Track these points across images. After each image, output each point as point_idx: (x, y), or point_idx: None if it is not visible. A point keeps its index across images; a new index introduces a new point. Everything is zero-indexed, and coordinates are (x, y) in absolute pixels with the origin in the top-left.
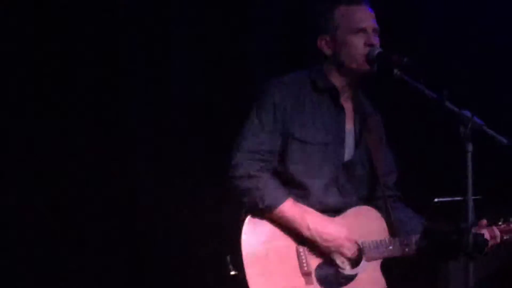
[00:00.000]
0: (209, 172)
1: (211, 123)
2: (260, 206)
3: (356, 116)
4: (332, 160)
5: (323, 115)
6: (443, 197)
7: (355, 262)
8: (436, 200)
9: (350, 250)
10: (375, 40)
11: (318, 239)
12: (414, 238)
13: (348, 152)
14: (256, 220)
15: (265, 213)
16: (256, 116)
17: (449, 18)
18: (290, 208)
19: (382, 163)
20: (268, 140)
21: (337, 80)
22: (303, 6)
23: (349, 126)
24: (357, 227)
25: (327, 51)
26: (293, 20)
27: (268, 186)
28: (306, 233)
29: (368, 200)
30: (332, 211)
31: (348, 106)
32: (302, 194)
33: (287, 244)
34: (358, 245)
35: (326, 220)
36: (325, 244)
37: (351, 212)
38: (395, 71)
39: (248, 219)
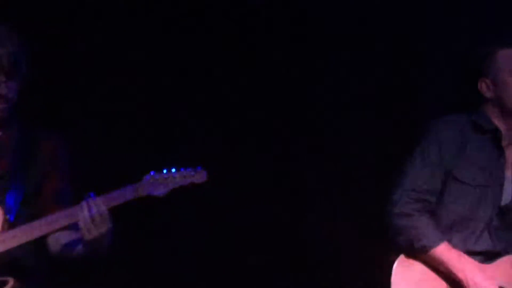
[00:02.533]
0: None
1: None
2: (415, 245)
3: None
4: (488, 203)
5: (483, 157)
6: None
7: None
8: None
9: None
10: None
11: (470, 283)
12: None
13: (506, 197)
14: (408, 260)
15: (419, 253)
16: (419, 154)
17: None
18: (446, 250)
19: None
20: (430, 179)
21: (499, 123)
22: None
23: (509, 172)
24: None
25: (488, 94)
26: None
27: (425, 226)
28: (459, 275)
29: None
30: (480, 255)
31: (509, 152)
32: (454, 235)
33: (438, 287)
34: None
35: (480, 268)
36: None
37: (505, 259)
38: None
39: (400, 259)
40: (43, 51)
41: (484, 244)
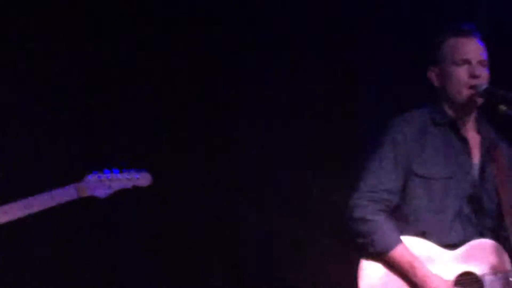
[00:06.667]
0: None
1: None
2: (370, 250)
3: (481, 148)
4: (455, 193)
5: (446, 149)
6: None
7: None
8: None
9: None
10: (480, 72)
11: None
12: None
13: (473, 184)
14: (371, 264)
15: (378, 257)
16: (376, 155)
17: None
18: (400, 255)
19: (509, 195)
20: (387, 179)
21: (452, 112)
22: None
23: (475, 158)
24: (476, 261)
25: (436, 83)
26: None
27: (380, 230)
28: (413, 279)
29: (493, 232)
30: (454, 246)
31: (472, 137)
32: (424, 230)
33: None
34: (478, 278)
35: (431, 274)
36: None
37: (471, 245)
38: (501, 106)
39: (363, 263)
40: None
41: (458, 234)
